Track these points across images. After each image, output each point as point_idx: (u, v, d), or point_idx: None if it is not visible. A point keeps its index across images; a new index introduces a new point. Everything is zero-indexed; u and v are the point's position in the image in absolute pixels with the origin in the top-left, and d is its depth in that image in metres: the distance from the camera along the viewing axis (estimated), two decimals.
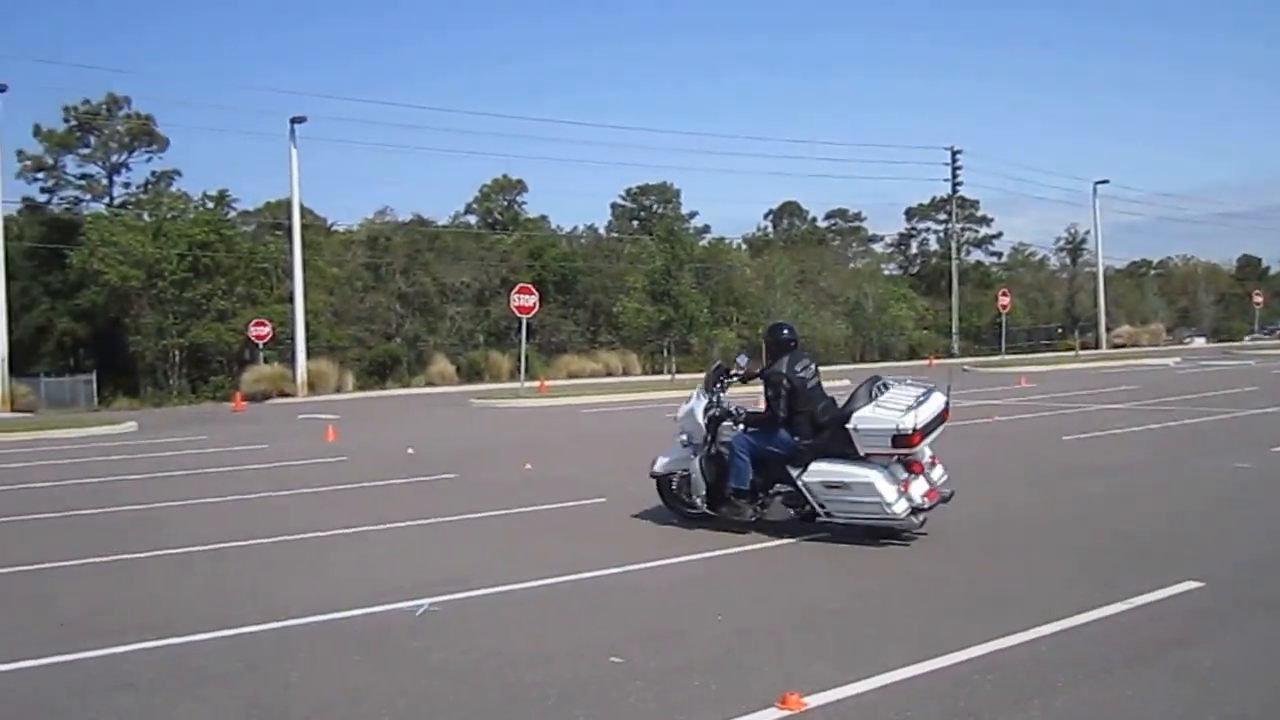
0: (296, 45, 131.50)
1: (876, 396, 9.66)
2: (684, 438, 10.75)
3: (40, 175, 58.28)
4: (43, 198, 59.15)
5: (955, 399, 10.52)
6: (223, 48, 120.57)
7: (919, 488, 9.41)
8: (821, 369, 10.98)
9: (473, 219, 73.74)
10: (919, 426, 9.20)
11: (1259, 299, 75.12)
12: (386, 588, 8.19)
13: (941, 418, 9.66)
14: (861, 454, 9.41)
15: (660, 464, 10.92)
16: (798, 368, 10.15)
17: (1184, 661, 5.95)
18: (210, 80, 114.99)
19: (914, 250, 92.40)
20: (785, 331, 10.54)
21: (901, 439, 9.18)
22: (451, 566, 9.08)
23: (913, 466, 9.48)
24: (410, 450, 18.91)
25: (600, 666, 6.14)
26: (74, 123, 57.16)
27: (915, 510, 9.38)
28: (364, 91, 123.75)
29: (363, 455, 18.74)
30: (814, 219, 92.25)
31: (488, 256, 62.99)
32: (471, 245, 64.15)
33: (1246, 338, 75.65)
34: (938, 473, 9.79)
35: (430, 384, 49.56)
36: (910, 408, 9.37)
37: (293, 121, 45.21)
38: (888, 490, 9.18)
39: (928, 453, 9.77)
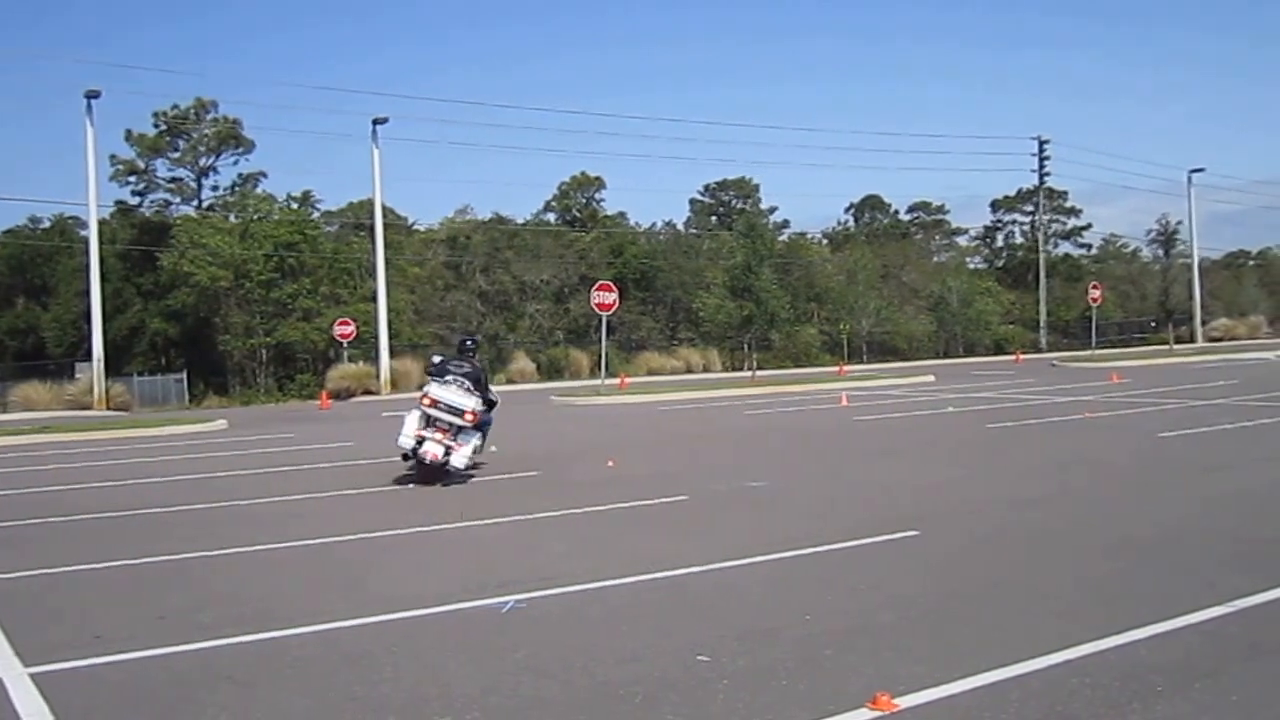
0: (376, 44, 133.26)
1: None
2: None
3: (132, 179, 59.55)
4: (134, 201, 60.58)
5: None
6: (306, 50, 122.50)
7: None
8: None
9: (551, 216, 74.08)
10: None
11: None
12: (473, 584, 8.27)
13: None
14: None
15: None
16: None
17: None
18: (295, 83, 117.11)
19: (999, 243, 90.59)
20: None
21: None
22: (536, 564, 9.14)
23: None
24: (493, 448, 19.02)
25: (687, 665, 6.13)
26: (163, 127, 58.33)
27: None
28: (444, 90, 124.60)
29: None
30: (896, 212, 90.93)
31: (566, 254, 63.24)
32: (550, 243, 64.50)
33: None
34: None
35: (510, 381, 49.84)
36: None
37: (375, 122, 45.78)
38: None
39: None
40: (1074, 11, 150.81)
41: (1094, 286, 57.18)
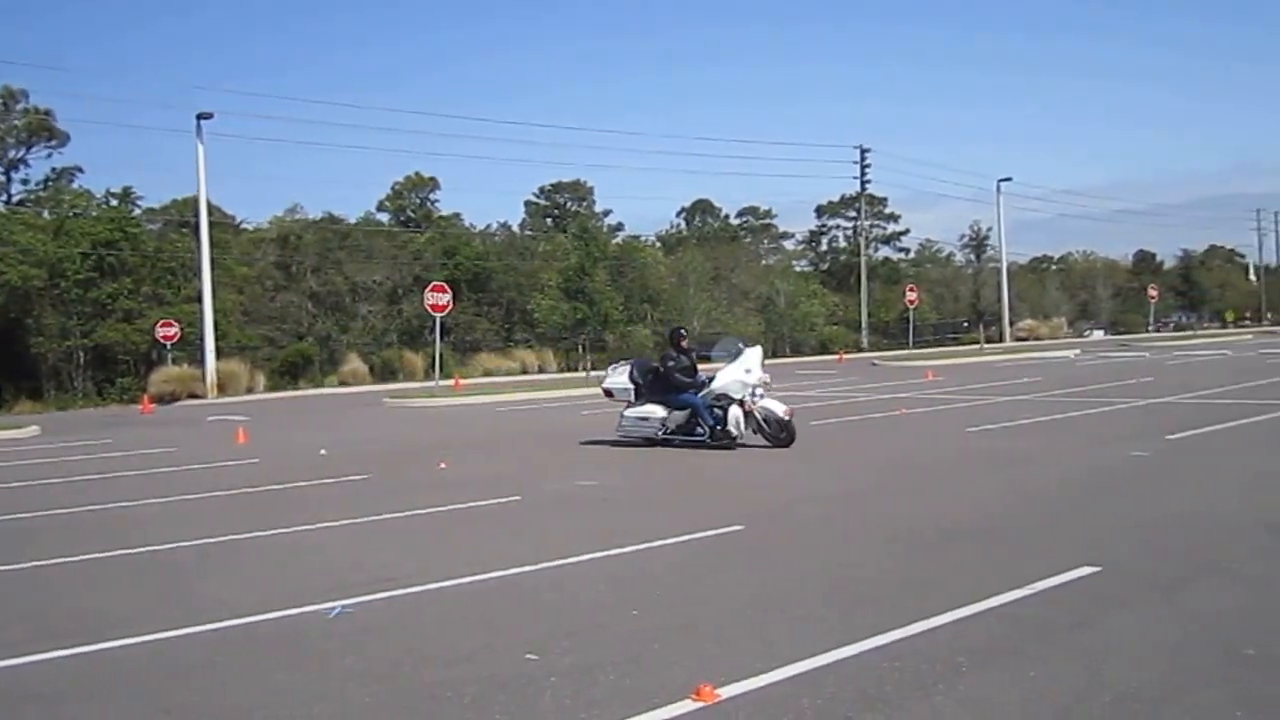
0: (202, 40, 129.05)
1: None
2: None
3: None
4: None
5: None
6: (125, 42, 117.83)
7: None
8: None
9: (385, 216, 73.07)
10: None
11: (1154, 293, 77.38)
12: (299, 591, 8.15)
13: None
14: None
15: None
16: None
17: (1081, 643, 6.18)
18: (112, 76, 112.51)
19: (824, 247, 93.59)
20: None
21: None
22: (365, 568, 9.05)
23: None
24: (323, 451, 18.78)
25: (516, 664, 6.18)
26: None
27: None
28: (272, 87, 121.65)
29: (274, 457, 18.55)
30: (726, 216, 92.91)
31: (400, 254, 62.47)
32: (384, 243, 63.59)
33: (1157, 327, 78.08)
34: None
35: (343, 384, 49.01)
36: None
37: (199, 117, 44.25)
38: None
39: None
40: (900, 19, 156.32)
41: (910, 289, 59.70)
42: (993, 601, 7.08)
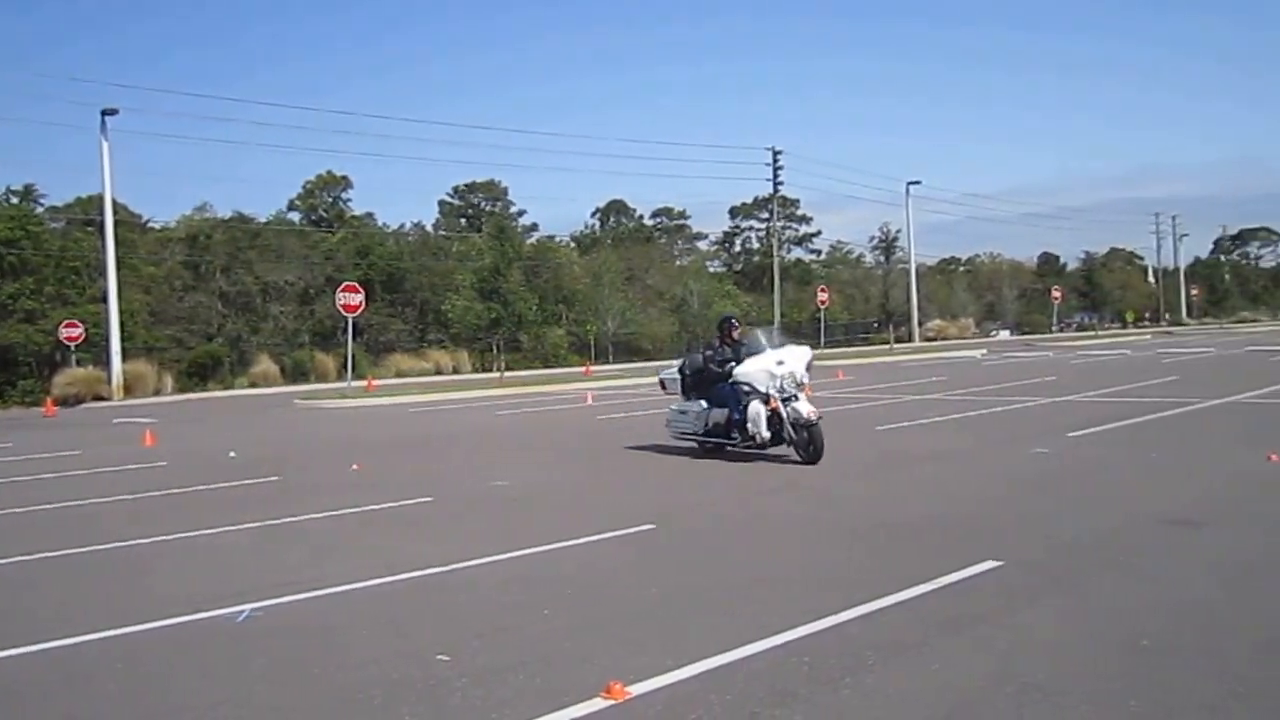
0: (108, 35, 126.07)
1: None
2: None
3: None
4: None
5: None
6: (23, 37, 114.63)
7: None
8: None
9: (296, 216, 71.99)
10: None
11: (1057, 294, 79.49)
12: (207, 595, 8.02)
13: None
14: None
15: None
16: None
17: (984, 636, 6.34)
18: (11, 69, 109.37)
19: (738, 248, 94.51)
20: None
21: None
22: (275, 570, 8.94)
23: None
24: (232, 454, 18.49)
25: (427, 665, 6.16)
26: None
27: None
28: (181, 85, 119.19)
29: (182, 460, 18.18)
30: (641, 217, 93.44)
31: (312, 255, 61.56)
32: (295, 243, 62.57)
33: (1061, 327, 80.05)
34: None
35: (254, 385, 48.29)
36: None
37: (104, 114, 43.26)
38: None
39: None
40: (815, 14, 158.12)
41: (822, 290, 60.83)
42: (900, 596, 7.22)
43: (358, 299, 37.52)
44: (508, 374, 44.19)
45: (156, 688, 6.00)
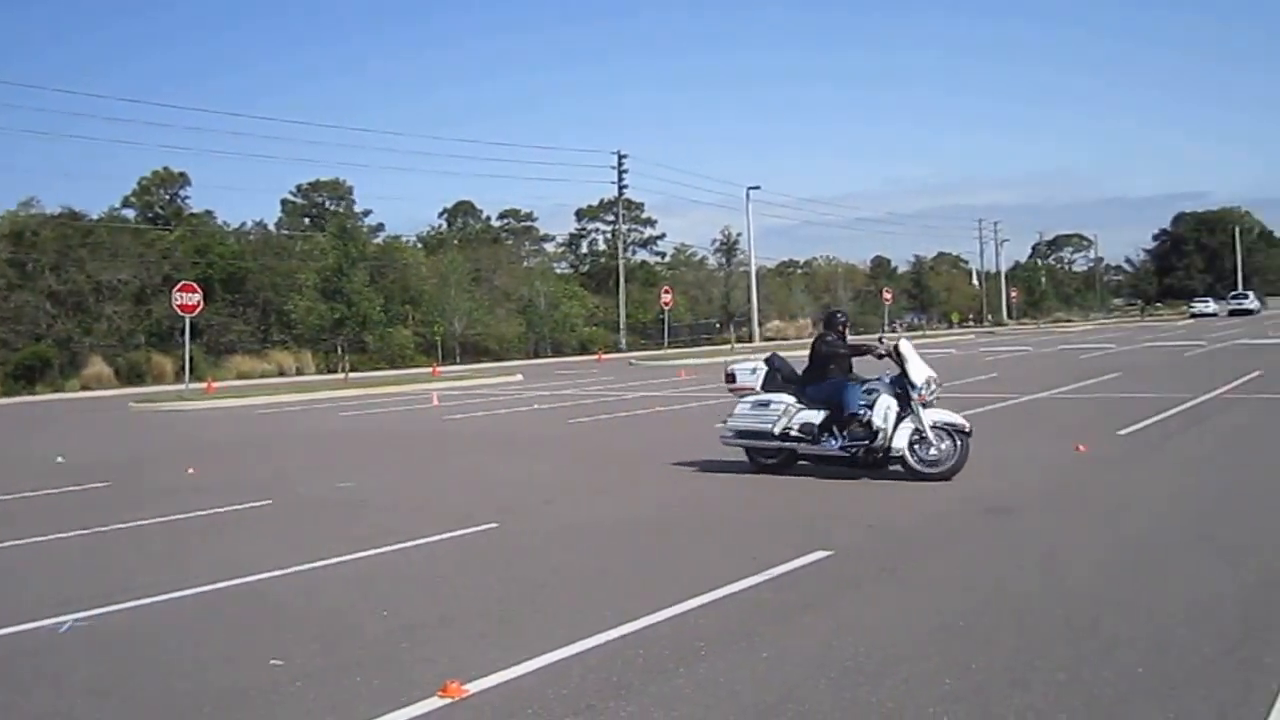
0: None
1: None
2: None
3: None
4: None
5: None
6: None
7: None
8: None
9: (131, 213, 69.46)
10: None
11: (889, 296, 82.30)
12: (26, 607, 7.72)
13: None
14: None
15: None
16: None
17: (812, 623, 6.60)
18: None
19: (584, 250, 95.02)
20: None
21: None
22: (102, 579, 8.67)
23: None
24: (60, 459, 17.85)
25: (260, 670, 6.09)
26: None
27: None
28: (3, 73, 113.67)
29: (4, 465, 17.50)
30: (488, 219, 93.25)
31: (148, 253, 59.37)
32: (130, 241, 60.24)
33: (892, 327, 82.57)
34: None
35: (86, 388, 46.47)
36: None
37: None
38: None
39: None
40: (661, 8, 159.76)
41: (666, 291, 61.73)
42: (733, 587, 7.44)
43: (195, 299, 36.53)
44: (353, 375, 43.51)
45: None
